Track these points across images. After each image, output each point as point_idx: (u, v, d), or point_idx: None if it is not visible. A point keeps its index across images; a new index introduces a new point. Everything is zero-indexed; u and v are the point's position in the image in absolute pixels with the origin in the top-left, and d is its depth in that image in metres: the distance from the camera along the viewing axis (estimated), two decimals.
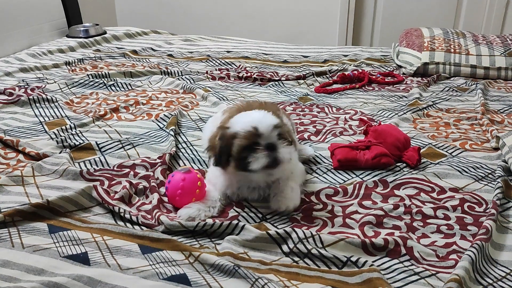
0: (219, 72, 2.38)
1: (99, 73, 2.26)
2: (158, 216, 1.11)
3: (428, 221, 1.14)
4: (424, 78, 2.28)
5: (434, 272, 0.96)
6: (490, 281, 0.94)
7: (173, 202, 1.18)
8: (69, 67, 2.43)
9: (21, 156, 1.46)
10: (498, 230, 1.09)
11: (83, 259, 0.98)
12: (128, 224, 1.12)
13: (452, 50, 2.35)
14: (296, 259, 1.00)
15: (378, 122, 1.70)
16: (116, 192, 1.22)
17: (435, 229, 1.11)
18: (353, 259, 0.98)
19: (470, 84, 2.17)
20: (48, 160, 1.39)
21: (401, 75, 2.31)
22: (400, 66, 2.43)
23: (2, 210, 1.14)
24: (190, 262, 0.97)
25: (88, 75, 2.23)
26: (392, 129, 1.50)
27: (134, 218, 1.12)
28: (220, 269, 0.94)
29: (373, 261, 0.99)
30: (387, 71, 2.40)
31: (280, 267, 0.97)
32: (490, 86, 2.15)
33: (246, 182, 1.19)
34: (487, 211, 1.16)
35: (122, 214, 1.14)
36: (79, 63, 2.50)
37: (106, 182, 1.28)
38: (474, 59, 2.29)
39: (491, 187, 1.27)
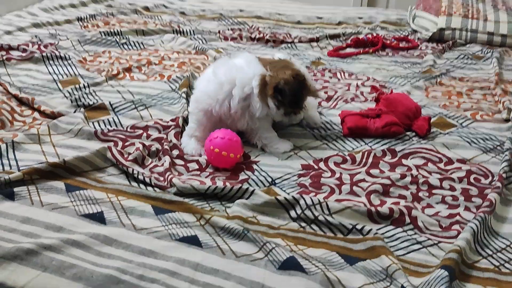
0: (231, 32, 2.35)
1: (111, 30, 2.25)
2: (170, 178, 1.14)
3: (433, 191, 1.16)
4: (439, 44, 2.24)
5: (436, 242, 0.99)
6: (490, 252, 0.97)
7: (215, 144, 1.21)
8: (81, 23, 2.42)
9: (36, 114, 1.49)
10: (502, 203, 1.11)
11: (99, 218, 1.02)
12: (142, 185, 1.16)
13: (470, 16, 2.29)
14: (303, 224, 1.04)
15: (390, 90, 1.70)
16: (129, 154, 1.25)
17: (440, 199, 1.13)
18: (358, 226, 1.01)
19: (485, 52, 2.13)
20: (63, 119, 1.42)
21: (416, 41, 2.28)
22: (415, 31, 2.39)
23: (20, 168, 1.18)
24: (201, 224, 1.01)
25: (100, 32, 2.23)
26: (404, 98, 1.50)
27: (147, 180, 1.16)
28: (230, 232, 0.98)
29: (377, 229, 1.02)
30: (402, 35, 2.36)
31: (288, 232, 1.01)
32: (506, 54, 2.12)
33: None
34: (493, 183, 1.17)
35: (135, 175, 1.17)
36: (91, 19, 2.49)
37: (120, 143, 1.31)
38: (491, 26, 2.24)
39: (499, 159, 1.28)
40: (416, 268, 0.92)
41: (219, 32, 2.34)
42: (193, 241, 0.96)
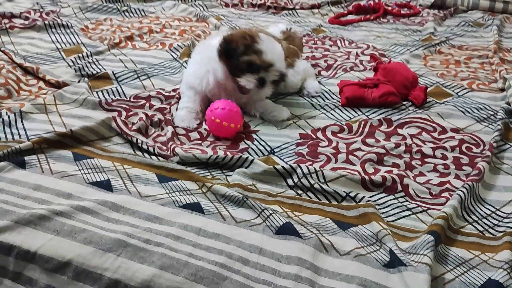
0: None
1: None
2: (173, 148, 1.19)
3: (426, 160, 1.21)
4: (441, 11, 2.24)
5: (425, 209, 1.05)
6: (476, 218, 1.02)
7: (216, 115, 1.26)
8: None
9: (41, 83, 1.53)
10: (491, 171, 1.16)
11: (106, 186, 1.08)
12: (146, 154, 1.21)
13: None
14: (300, 192, 1.09)
15: (389, 58, 1.72)
16: (133, 124, 1.30)
17: (432, 168, 1.18)
18: (352, 194, 1.06)
19: (487, 19, 2.13)
20: (68, 89, 1.46)
21: (418, 7, 2.27)
22: None
23: (29, 138, 1.22)
24: (203, 192, 1.07)
25: None
26: (401, 68, 1.53)
27: (151, 149, 1.20)
28: (230, 199, 1.04)
29: (370, 197, 1.07)
30: (403, 2, 2.35)
31: (285, 199, 1.07)
32: (507, 21, 2.12)
33: None
34: (483, 152, 1.22)
35: (139, 145, 1.22)
36: None
37: (124, 113, 1.35)
38: None
39: (491, 128, 1.32)
40: (405, 233, 0.98)
41: None
42: (195, 207, 1.01)
